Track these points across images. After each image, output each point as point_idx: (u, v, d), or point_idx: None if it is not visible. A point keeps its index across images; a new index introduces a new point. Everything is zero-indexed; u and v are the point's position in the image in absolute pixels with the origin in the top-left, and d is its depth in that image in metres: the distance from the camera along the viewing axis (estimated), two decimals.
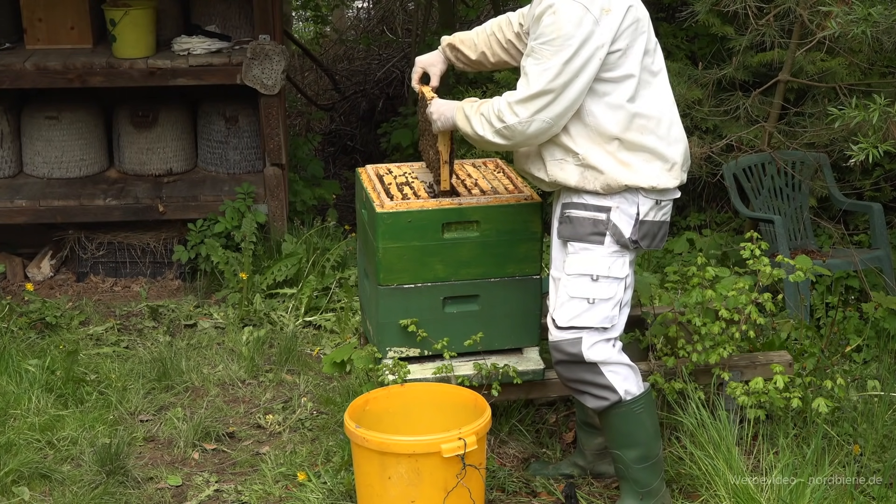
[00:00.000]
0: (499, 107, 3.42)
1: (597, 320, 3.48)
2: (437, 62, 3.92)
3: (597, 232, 3.48)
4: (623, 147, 3.44)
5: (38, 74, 5.76)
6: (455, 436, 3.37)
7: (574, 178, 3.48)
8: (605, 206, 3.48)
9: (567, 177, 3.49)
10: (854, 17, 4.00)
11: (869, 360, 4.85)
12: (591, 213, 3.49)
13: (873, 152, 3.84)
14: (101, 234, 5.97)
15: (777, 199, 5.76)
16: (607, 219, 3.48)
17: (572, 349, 3.49)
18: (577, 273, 3.49)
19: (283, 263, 5.55)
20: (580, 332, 3.48)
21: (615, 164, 3.44)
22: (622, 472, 3.62)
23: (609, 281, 3.49)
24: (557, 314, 3.52)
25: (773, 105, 5.71)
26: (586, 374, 3.51)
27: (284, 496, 3.88)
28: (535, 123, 3.38)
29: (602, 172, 3.45)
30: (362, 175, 4.22)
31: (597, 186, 3.46)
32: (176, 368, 4.75)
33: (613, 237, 3.48)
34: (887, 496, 3.66)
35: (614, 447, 3.60)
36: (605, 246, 3.48)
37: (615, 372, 3.51)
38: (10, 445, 4.11)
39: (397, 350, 3.95)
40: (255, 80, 5.74)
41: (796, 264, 4.16)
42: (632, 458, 3.57)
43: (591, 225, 3.49)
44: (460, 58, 3.89)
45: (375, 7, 10.05)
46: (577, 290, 3.49)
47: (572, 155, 3.47)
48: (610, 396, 3.51)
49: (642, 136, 3.45)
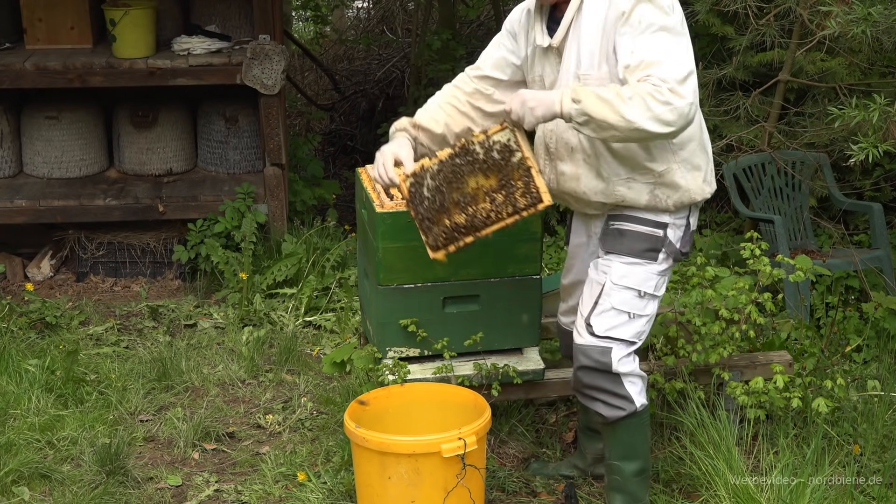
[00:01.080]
0: (658, 87, 3.05)
1: (630, 334, 3.40)
2: (403, 145, 3.52)
3: (652, 248, 3.38)
4: (687, 159, 3.34)
5: (38, 74, 5.76)
6: (455, 436, 3.37)
7: (644, 198, 3.35)
8: (663, 222, 3.38)
9: (636, 196, 3.35)
10: (854, 16, 4.00)
11: (869, 360, 4.85)
12: (648, 229, 3.38)
13: (873, 152, 3.84)
14: (101, 234, 5.97)
15: (777, 199, 5.76)
16: (664, 235, 3.38)
17: (602, 357, 3.38)
18: (625, 286, 3.38)
19: (283, 263, 5.55)
20: (613, 342, 3.39)
21: (692, 178, 3.34)
22: (618, 484, 3.53)
23: (652, 299, 3.42)
24: (596, 321, 3.40)
25: (773, 105, 5.71)
26: (607, 384, 3.41)
27: (284, 496, 3.88)
28: (695, 107, 3.10)
29: (677, 189, 3.33)
30: (362, 175, 4.21)
31: (668, 204, 3.34)
32: (176, 368, 4.75)
33: (668, 253, 3.39)
34: (887, 496, 3.66)
35: (615, 458, 3.51)
36: (657, 263, 3.40)
37: (633, 383, 3.43)
38: (10, 445, 4.11)
39: (397, 350, 3.95)
40: (255, 80, 5.74)
41: (796, 264, 4.17)
42: (631, 470, 3.50)
43: (646, 241, 3.38)
44: (422, 137, 3.58)
45: (375, 7, 10.04)
46: (622, 302, 3.38)
47: (647, 173, 3.31)
48: (626, 407, 3.42)
49: (705, 146, 3.37)
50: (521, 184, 3.29)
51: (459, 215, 3.33)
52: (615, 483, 3.54)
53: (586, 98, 3.10)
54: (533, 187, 3.28)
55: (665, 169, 3.32)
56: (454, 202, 3.33)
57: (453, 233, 3.34)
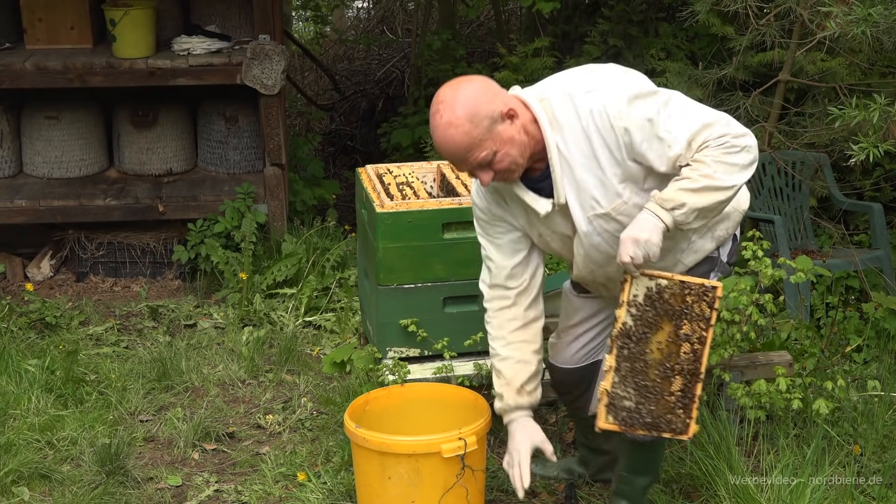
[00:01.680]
0: (723, 144, 2.91)
1: None
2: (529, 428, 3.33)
3: (708, 270, 3.26)
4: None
5: (38, 74, 5.76)
6: (455, 436, 3.37)
7: (711, 245, 3.23)
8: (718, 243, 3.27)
9: (705, 249, 3.23)
10: (854, 17, 4.01)
11: (869, 360, 4.85)
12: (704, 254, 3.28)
13: (873, 152, 3.84)
14: (101, 234, 5.96)
15: (777, 199, 5.76)
16: (718, 255, 3.28)
17: None
18: None
19: (283, 263, 5.55)
20: None
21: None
22: (625, 493, 3.49)
23: None
24: None
25: (774, 105, 5.71)
26: None
27: (284, 496, 3.88)
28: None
29: (728, 217, 3.20)
30: (362, 175, 4.22)
31: (730, 230, 3.24)
32: (176, 368, 4.75)
33: (721, 272, 3.29)
34: (887, 496, 3.66)
35: (631, 472, 3.44)
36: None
37: None
38: (10, 445, 4.11)
39: (397, 350, 3.95)
40: (255, 80, 5.74)
41: (797, 265, 4.16)
42: (643, 484, 3.47)
43: (704, 264, 3.24)
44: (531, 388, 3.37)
45: (375, 7, 10.05)
46: None
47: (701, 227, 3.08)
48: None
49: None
50: (690, 299, 3.08)
51: (673, 382, 3.09)
52: (623, 491, 3.51)
53: (680, 198, 2.91)
54: (696, 288, 3.08)
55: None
56: (658, 379, 3.10)
57: (682, 400, 3.10)
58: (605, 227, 3.10)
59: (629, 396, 3.09)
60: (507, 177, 3.05)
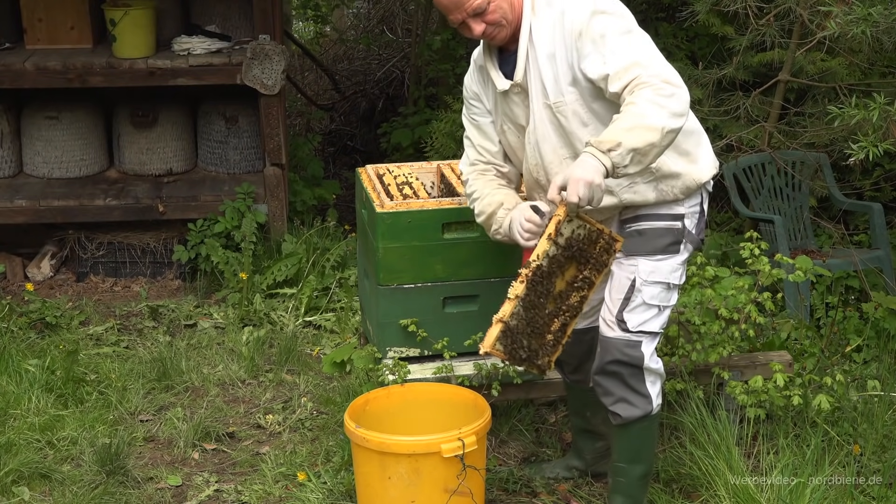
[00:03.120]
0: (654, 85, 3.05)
1: (658, 325, 3.39)
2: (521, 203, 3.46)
3: (674, 241, 3.37)
4: (674, 146, 3.26)
5: (38, 74, 5.76)
6: (455, 436, 3.37)
7: (651, 195, 3.33)
8: (679, 213, 3.37)
9: (644, 197, 3.33)
10: (854, 17, 4.01)
11: (869, 360, 4.85)
12: (667, 223, 3.37)
13: (873, 151, 3.84)
14: (101, 234, 5.97)
15: (777, 199, 5.76)
16: (682, 226, 3.38)
17: (633, 352, 3.35)
18: (655, 280, 3.36)
19: (283, 263, 5.55)
20: (643, 335, 3.37)
21: (685, 163, 3.33)
22: (621, 487, 3.52)
23: (677, 288, 3.43)
24: (629, 317, 3.36)
25: (773, 105, 5.71)
26: (631, 380, 3.38)
27: (284, 496, 3.88)
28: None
29: (678, 177, 3.32)
30: (362, 175, 4.22)
31: (676, 193, 3.34)
32: (176, 368, 4.75)
33: (690, 243, 3.40)
34: (887, 496, 3.66)
35: (623, 461, 3.49)
36: (680, 254, 3.39)
37: (654, 383, 3.41)
38: (10, 445, 4.11)
39: (397, 350, 3.95)
40: (255, 80, 5.74)
41: (796, 264, 4.16)
42: (637, 473, 3.49)
43: (667, 235, 3.37)
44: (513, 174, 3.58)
45: (375, 7, 10.04)
46: (654, 297, 3.37)
47: (643, 172, 3.23)
48: (644, 406, 3.39)
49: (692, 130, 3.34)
50: (599, 247, 3.26)
51: (555, 322, 3.26)
52: (619, 485, 3.52)
53: (616, 137, 3.00)
54: (606, 237, 3.27)
55: (657, 163, 3.27)
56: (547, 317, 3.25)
57: (555, 338, 3.28)
58: (550, 119, 3.30)
59: (520, 329, 3.21)
60: (494, 33, 3.30)
